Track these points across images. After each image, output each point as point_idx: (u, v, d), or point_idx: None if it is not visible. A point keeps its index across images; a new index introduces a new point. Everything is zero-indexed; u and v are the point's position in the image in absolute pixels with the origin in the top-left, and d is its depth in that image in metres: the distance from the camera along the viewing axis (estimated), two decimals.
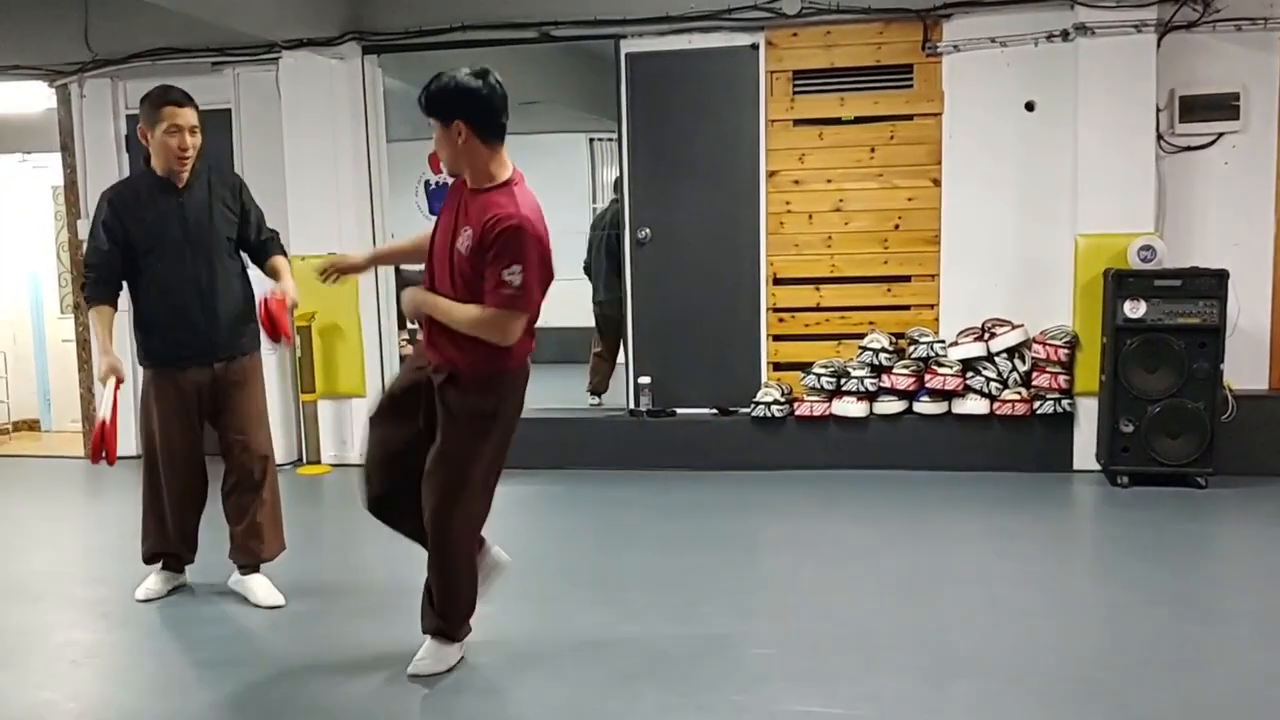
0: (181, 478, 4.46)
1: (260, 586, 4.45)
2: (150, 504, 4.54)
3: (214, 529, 4.60)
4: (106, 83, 7.43)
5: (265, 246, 4.52)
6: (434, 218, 5.52)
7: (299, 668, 3.76)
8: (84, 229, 7.55)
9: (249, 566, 4.51)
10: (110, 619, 4.35)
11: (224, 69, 7.29)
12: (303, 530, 5.32)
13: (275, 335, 4.33)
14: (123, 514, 6.40)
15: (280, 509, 4.61)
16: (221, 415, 4.44)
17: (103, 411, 4.17)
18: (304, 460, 7.12)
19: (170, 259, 4.28)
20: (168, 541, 4.54)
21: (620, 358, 7.34)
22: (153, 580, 4.60)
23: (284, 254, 4.59)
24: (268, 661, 3.86)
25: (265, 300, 4.29)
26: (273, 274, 4.48)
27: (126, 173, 7.54)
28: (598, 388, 7.95)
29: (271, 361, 7.12)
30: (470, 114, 3.37)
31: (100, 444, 4.10)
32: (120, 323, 4.46)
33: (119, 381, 4.24)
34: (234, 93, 7.32)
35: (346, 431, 7.16)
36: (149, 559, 4.60)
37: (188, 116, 4.27)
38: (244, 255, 4.54)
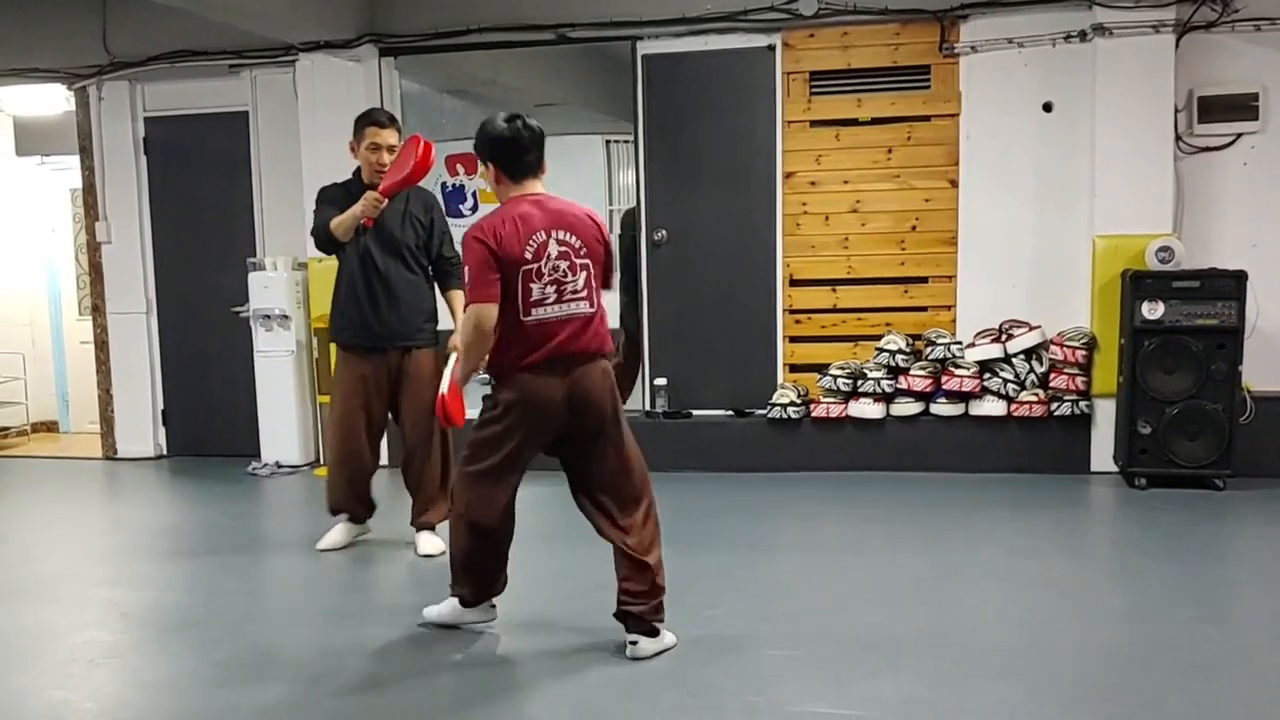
0: (352, 443, 5.04)
1: (423, 540, 5.07)
2: (334, 463, 5.18)
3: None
4: (124, 85, 7.48)
5: (444, 267, 5.03)
6: (450, 219, 5.54)
7: (317, 669, 3.77)
8: (102, 231, 7.61)
9: (423, 526, 5.12)
10: (129, 619, 4.37)
11: (241, 71, 7.34)
12: (318, 531, 5.33)
13: (445, 420, 4.55)
14: (140, 514, 6.46)
15: (443, 478, 5.03)
16: (398, 400, 5.02)
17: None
18: (321, 461, 7.14)
19: (360, 255, 4.89)
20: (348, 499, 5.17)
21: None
22: (336, 532, 5.21)
23: (461, 286, 4.67)
24: (285, 663, 3.87)
25: (441, 396, 4.45)
26: (448, 304, 5.02)
27: (144, 175, 7.61)
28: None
29: (288, 363, 7.17)
30: (495, 157, 3.77)
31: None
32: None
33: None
34: (251, 95, 7.37)
35: None
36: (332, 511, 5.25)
37: (386, 137, 4.88)
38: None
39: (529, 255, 3.64)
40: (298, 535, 5.97)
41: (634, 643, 3.73)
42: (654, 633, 3.77)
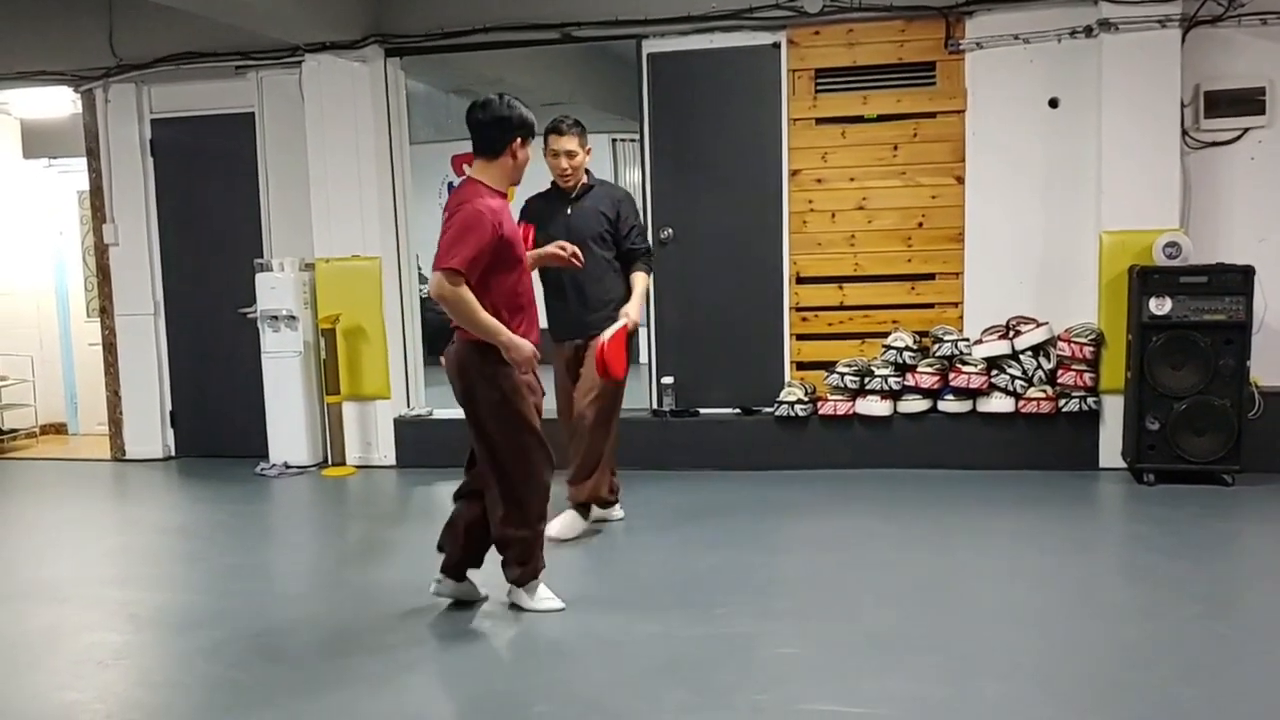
0: (566, 433, 5.27)
1: (558, 520, 5.12)
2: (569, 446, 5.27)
3: None
4: (131, 88, 7.50)
5: (630, 255, 5.25)
6: None
7: (324, 668, 3.78)
8: (109, 233, 7.64)
9: (577, 506, 5.27)
10: (138, 620, 4.38)
11: (247, 73, 7.35)
12: (326, 532, 5.35)
13: (603, 374, 4.95)
14: (149, 516, 6.48)
15: (599, 462, 5.21)
16: (573, 382, 5.27)
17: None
18: (329, 462, 7.16)
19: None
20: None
21: (644, 359, 7.30)
22: (570, 519, 5.26)
23: (647, 270, 5.31)
24: (293, 661, 3.89)
25: (601, 345, 4.93)
26: (631, 283, 5.24)
27: (151, 177, 7.64)
28: None
29: (296, 364, 7.19)
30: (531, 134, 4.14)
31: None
32: None
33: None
34: (257, 96, 7.38)
35: (371, 433, 7.20)
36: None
37: (564, 143, 5.13)
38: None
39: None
40: (307, 536, 6.01)
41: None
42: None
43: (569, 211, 5.19)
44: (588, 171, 5.28)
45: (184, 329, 7.70)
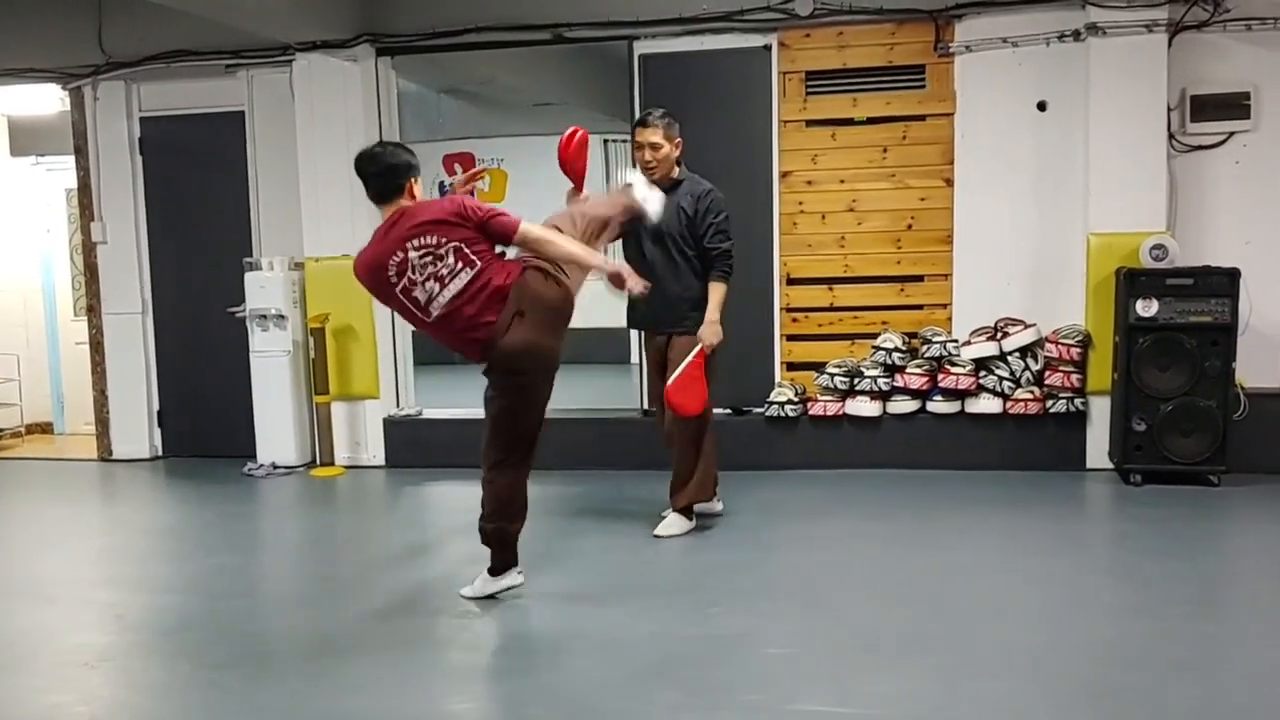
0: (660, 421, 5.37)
1: (667, 520, 5.26)
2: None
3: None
4: (120, 85, 7.47)
5: (707, 257, 5.14)
6: None
7: (312, 670, 3.77)
8: (97, 231, 7.61)
9: (679, 510, 5.28)
10: (124, 621, 4.36)
11: (238, 71, 7.33)
12: (315, 532, 5.34)
13: (671, 405, 5.06)
14: (136, 516, 6.45)
15: (691, 473, 5.20)
16: (659, 374, 5.25)
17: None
18: (318, 462, 7.15)
19: (640, 247, 5.15)
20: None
21: (634, 359, 7.30)
22: (673, 521, 5.28)
23: (724, 276, 5.16)
24: (280, 663, 3.88)
25: (668, 387, 5.04)
26: (710, 292, 5.17)
27: (140, 175, 7.60)
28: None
29: (285, 363, 7.18)
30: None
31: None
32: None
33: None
34: (248, 95, 7.36)
35: (360, 433, 7.18)
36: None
37: (646, 135, 5.11)
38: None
39: (393, 278, 4.07)
40: (294, 537, 5.99)
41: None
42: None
43: None
44: (681, 164, 5.22)
45: (172, 328, 7.67)
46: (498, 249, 4.12)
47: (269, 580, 5.09)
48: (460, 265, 4.02)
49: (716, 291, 5.12)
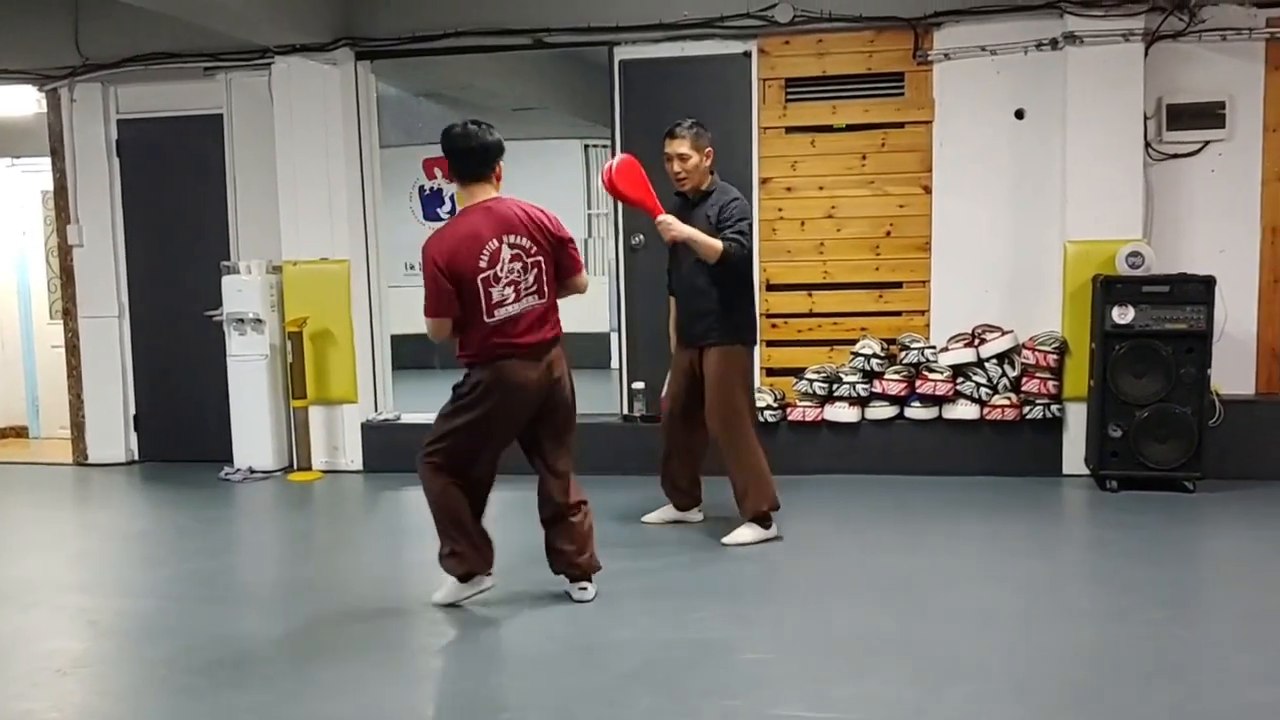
0: (666, 427, 5.45)
1: (738, 530, 5.20)
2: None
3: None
4: (97, 87, 7.42)
5: (720, 235, 5.00)
6: (427, 223, 5.55)
7: (288, 675, 3.75)
8: (74, 234, 7.55)
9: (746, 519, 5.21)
10: (98, 627, 4.32)
11: (216, 74, 7.29)
12: (292, 537, 5.31)
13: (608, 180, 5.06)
14: (112, 521, 6.40)
15: (744, 473, 5.14)
16: (682, 388, 5.30)
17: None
18: (295, 466, 7.11)
19: (672, 258, 5.27)
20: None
21: (615, 364, 7.27)
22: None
23: (726, 242, 4.94)
24: (257, 669, 3.84)
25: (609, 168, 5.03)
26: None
27: (117, 178, 7.55)
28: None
29: (262, 367, 7.14)
30: (449, 159, 4.14)
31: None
32: None
33: None
34: (226, 98, 7.32)
35: (338, 438, 7.15)
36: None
37: (675, 145, 5.09)
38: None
39: (483, 264, 3.98)
40: (271, 541, 5.96)
41: (583, 588, 4.37)
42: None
43: (686, 215, 5.07)
44: (713, 174, 5.17)
45: (148, 332, 7.61)
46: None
47: (245, 585, 5.06)
48: (535, 287, 4.10)
49: (713, 239, 4.93)
